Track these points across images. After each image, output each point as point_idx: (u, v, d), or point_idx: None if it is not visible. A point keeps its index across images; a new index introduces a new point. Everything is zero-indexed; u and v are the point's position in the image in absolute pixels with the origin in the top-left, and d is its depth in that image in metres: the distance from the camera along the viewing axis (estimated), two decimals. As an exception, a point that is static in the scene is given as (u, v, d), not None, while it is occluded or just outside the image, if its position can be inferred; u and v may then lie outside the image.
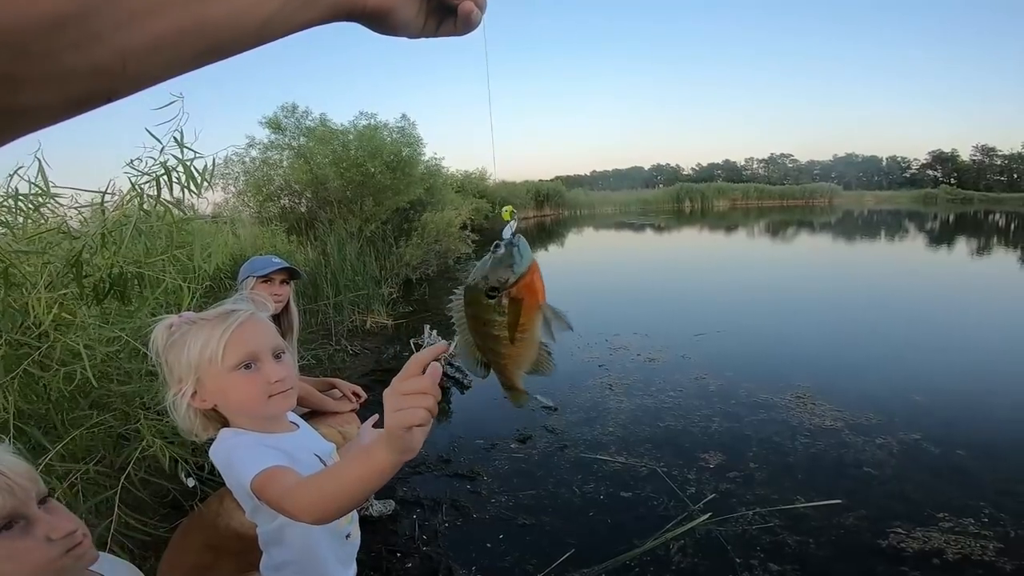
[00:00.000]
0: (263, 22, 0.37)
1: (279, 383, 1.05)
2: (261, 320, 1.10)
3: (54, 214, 1.71)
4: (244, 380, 1.02)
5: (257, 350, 1.04)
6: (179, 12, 0.33)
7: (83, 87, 0.32)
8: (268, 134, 8.30)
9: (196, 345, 1.01)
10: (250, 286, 2.22)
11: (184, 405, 1.03)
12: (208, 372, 1.01)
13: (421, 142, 8.64)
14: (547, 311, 0.71)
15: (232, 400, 1.04)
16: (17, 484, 0.77)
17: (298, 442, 1.14)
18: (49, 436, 1.34)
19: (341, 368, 4.54)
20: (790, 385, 3.90)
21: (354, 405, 2.39)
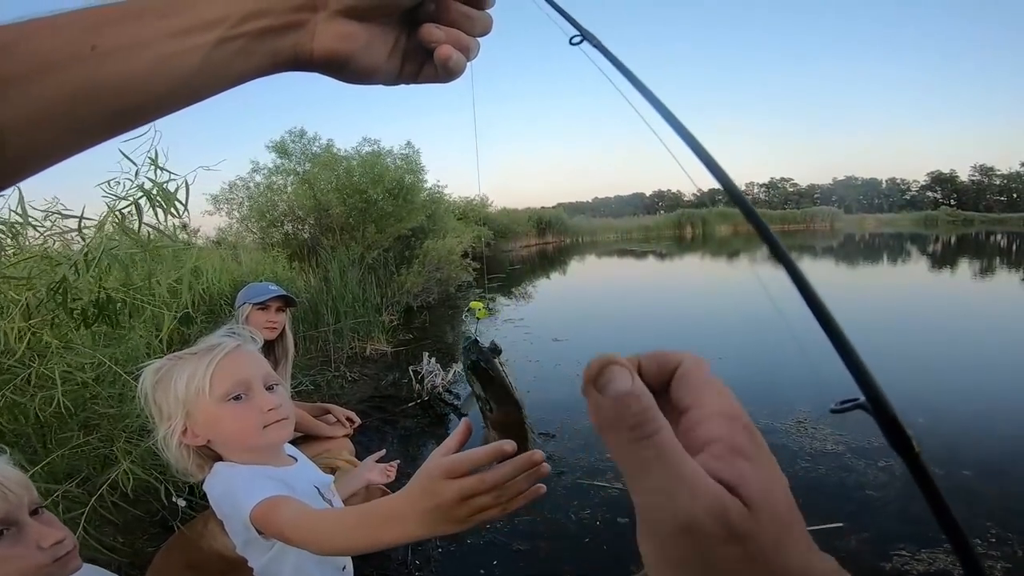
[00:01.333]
0: (183, 80, 0.32)
1: (273, 411, 1.01)
2: (248, 352, 1.08)
3: (37, 240, 1.72)
4: (236, 411, 1.00)
5: (247, 379, 1.02)
6: (66, 75, 0.28)
7: None
8: (274, 158, 8.43)
9: (182, 379, 0.99)
10: (246, 313, 2.25)
11: (175, 443, 1.00)
12: (197, 405, 0.99)
13: (424, 169, 8.78)
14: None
15: (225, 433, 1.01)
16: (11, 491, 0.80)
17: (297, 475, 1.11)
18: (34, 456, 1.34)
19: (339, 394, 4.52)
20: (791, 410, 3.85)
21: (348, 431, 2.39)
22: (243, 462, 1.02)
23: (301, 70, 0.37)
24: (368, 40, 0.38)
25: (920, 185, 73.75)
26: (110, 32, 0.29)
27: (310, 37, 0.36)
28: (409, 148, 8.67)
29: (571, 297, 11.78)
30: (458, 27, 0.41)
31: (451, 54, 0.40)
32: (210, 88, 0.34)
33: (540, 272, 16.16)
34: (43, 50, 0.28)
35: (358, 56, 0.38)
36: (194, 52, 0.31)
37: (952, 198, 65.62)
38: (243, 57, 0.33)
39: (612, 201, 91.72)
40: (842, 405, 0.30)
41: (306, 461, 1.24)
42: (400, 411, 4.10)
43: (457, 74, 0.42)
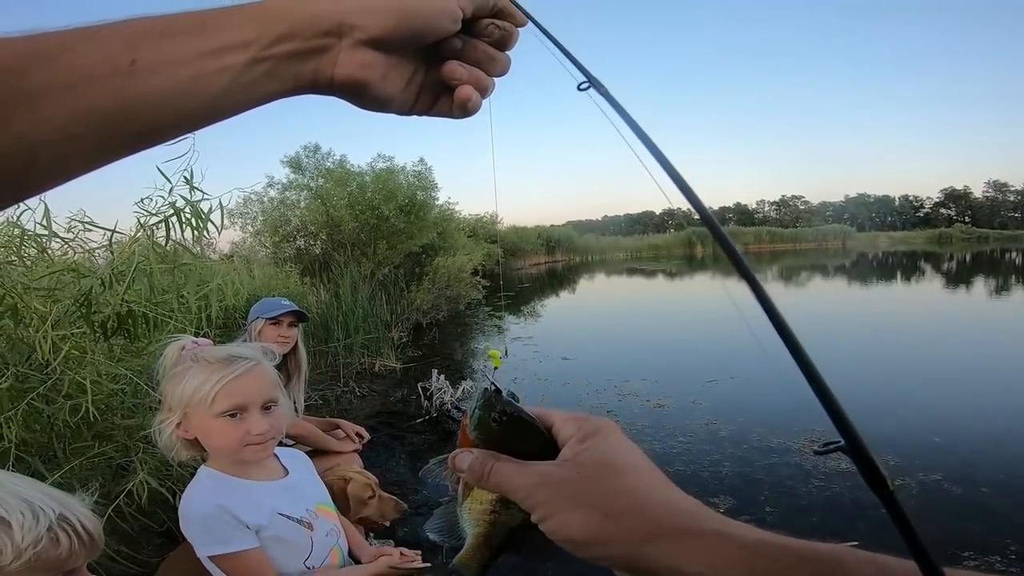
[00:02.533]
0: (211, 100, 0.32)
1: (258, 436, 1.09)
2: (263, 371, 1.14)
3: (64, 252, 1.76)
4: (226, 427, 1.08)
5: (247, 402, 1.09)
6: (103, 89, 0.28)
7: None
8: (288, 173, 8.55)
9: (191, 384, 1.07)
10: (258, 328, 2.28)
11: (168, 431, 1.10)
12: (196, 411, 1.07)
13: (436, 186, 8.85)
14: None
15: (211, 442, 1.11)
16: (95, 545, 0.82)
17: (276, 495, 1.16)
18: (49, 465, 1.37)
19: (348, 409, 4.53)
20: (805, 429, 3.80)
21: (357, 446, 2.39)
22: (223, 469, 1.12)
23: (319, 93, 0.38)
24: (387, 70, 0.39)
25: (934, 202, 73.15)
26: (149, 47, 0.30)
27: (332, 63, 0.36)
28: (422, 165, 8.77)
29: (580, 316, 11.76)
30: (480, 67, 0.42)
31: (471, 95, 0.41)
32: (234, 108, 0.35)
33: (549, 290, 16.17)
34: (85, 63, 0.28)
35: (376, 85, 0.38)
36: (225, 72, 0.32)
37: (966, 215, 64.91)
38: (269, 79, 0.34)
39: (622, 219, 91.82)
40: (825, 447, 0.33)
41: (302, 474, 1.28)
42: (408, 427, 4.11)
43: (473, 113, 0.42)
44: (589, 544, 0.36)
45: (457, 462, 0.43)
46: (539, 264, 27.27)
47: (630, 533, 0.35)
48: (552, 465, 0.40)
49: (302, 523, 1.15)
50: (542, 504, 0.37)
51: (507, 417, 0.43)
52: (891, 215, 74.99)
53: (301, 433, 2.24)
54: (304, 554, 1.14)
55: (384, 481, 3.19)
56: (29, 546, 0.72)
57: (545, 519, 0.37)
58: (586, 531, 0.36)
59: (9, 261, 1.65)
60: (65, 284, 1.62)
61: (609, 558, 0.35)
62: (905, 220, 71.37)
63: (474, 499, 0.45)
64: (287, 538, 1.12)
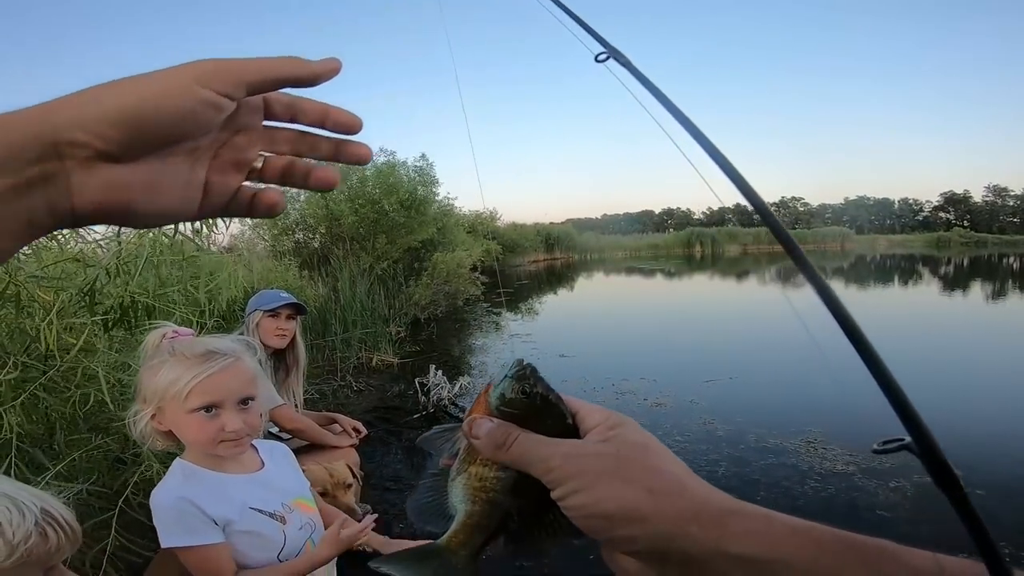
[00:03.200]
0: None
1: (232, 433, 1.09)
2: (240, 367, 1.13)
3: (73, 242, 1.77)
4: (199, 423, 1.07)
5: (221, 399, 1.08)
6: None
7: None
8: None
9: (166, 378, 1.07)
10: (257, 319, 2.27)
11: (143, 423, 1.10)
12: (170, 406, 1.07)
13: (437, 182, 8.83)
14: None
15: (184, 436, 1.11)
16: (77, 538, 0.82)
17: (248, 488, 1.15)
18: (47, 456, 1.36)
19: (344, 404, 4.53)
20: (801, 431, 3.81)
21: (353, 440, 2.39)
22: (197, 462, 1.13)
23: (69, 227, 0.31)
24: (149, 182, 0.31)
25: (933, 205, 73.25)
26: None
27: (65, 192, 0.29)
28: (423, 160, 8.74)
29: (579, 314, 11.76)
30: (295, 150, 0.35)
31: (278, 200, 0.35)
32: None
33: (547, 288, 16.17)
34: None
35: (139, 204, 0.31)
36: None
37: (965, 219, 64.96)
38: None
39: (621, 218, 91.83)
40: (885, 446, 0.31)
41: (281, 466, 1.27)
42: (405, 423, 4.10)
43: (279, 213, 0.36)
44: (627, 520, 0.33)
45: (474, 428, 0.39)
46: (538, 262, 27.26)
47: (673, 510, 0.33)
48: (584, 441, 0.38)
49: (274, 517, 1.15)
50: (575, 476, 0.35)
51: (538, 392, 0.41)
52: (890, 218, 75.07)
53: (298, 427, 2.23)
54: (276, 548, 1.14)
55: (380, 476, 3.20)
56: (21, 542, 0.72)
57: (576, 492, 0.35)
58: (625, 506, 0.34)
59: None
60: (69, 274, 1.63)
61: (644, 537, 0.33)
62: (904, 223, 71.48)
63: (473, 474, 0.41)
64: (258, 532, 1.12)
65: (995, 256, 30.65)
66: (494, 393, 0.41)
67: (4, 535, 0.71)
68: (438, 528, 0.42)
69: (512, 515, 0.40)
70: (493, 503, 0.40)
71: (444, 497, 0.42)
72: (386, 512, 2.76)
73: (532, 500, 0.39)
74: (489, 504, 0.40)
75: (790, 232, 0.38)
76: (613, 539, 0.35)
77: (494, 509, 0.40)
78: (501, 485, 0.40)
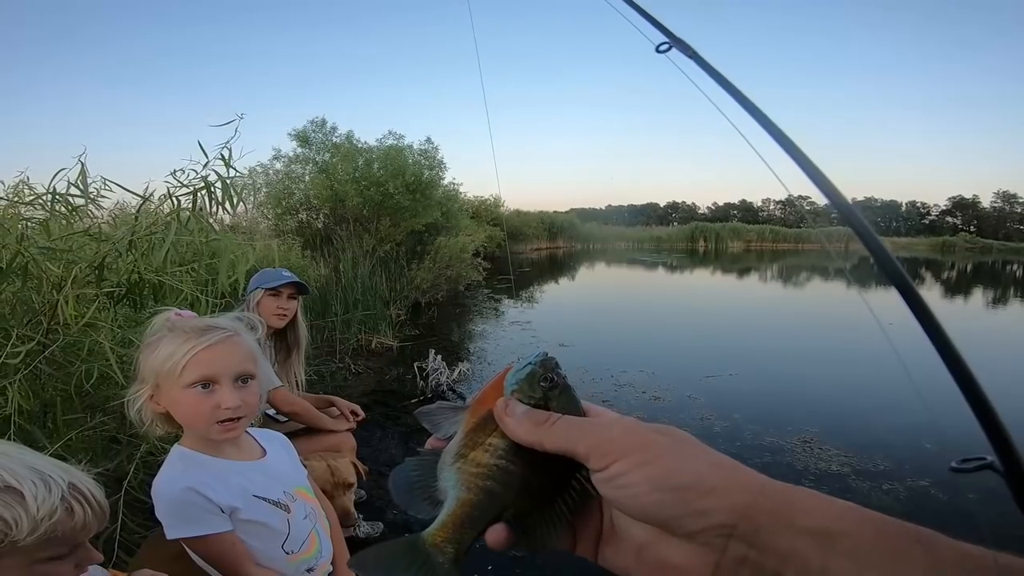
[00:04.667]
0: None
1: (228, 411, 1.05)
2: (238, 342, 1.10)
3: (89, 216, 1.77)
4: (195, 399, 1.04)
5: (217, 373, 1.05)
6: None
7: None
8: (295, 147, 8.47)
9: (163, 354, 1.04)
10: (258, 298, 2.26)
11: (140, 403, 1.07)
12: (166, 382, 1.04)
13: (443, 165, 8.76)
14: None
15: (180, 415, 1.07)
16: (105, 515, 0.80)
17: (251, 476, 1.12)
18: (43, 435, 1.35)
19: (343, 386, 4.54)
20: (798, 429, 3.83)
21: (351, 424, 2.38)
22: (196, 447, 1.09)
23: None
24: None
25: (941, 209, 72.83)
26: None
27: None
28: (430, 144, 8.67)
29: (579, 303, 11.74)
30: None
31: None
32: None
33: (549, 276, 16.15)
34: None
35: None
36: None
37: (972, 224, 64.51)
38: None
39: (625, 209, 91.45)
40: (963, 464, 0.30)
41: (281, 456, 1.24)
42: (403, 407, 4.11)
43: None
44: (701, 491, 0.32)
45: (508, 410, 0.38)
46: (540, 250, 27.20)
47: (741, 483, 0.33)
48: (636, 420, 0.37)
49: (279, 505, 1.13)
50: (639, 449, 0.34)
51: (561, 382, 0.40)
52: (896, 220, 74.67)
53: (296, 410, 2.22)
54: (281, 538, 1.11)
55: (375, 461, 3.21)
56: (45, 517, 0.70)
57: (644, 464, 0.33)
58: (699, 476, 0.32)
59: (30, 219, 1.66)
60: (81, 246, 1.62)
61: (718, 510, 0.32)
62: (910, 226, 71.12)
63: (471, 459, 0.38)
64: (263, 521, 1.09)
65: (999, 263, 30.53)
66: (512, 379, 0.40)
67: (28, 509, 0.69)
68: (421, 512, 0.39)
69: (506, 508, 0.37)
70: (489, 493, 0.37)
71: (433, 478, 0.39)
72: (381, 497, 2.78)
73: (534, 493, 0.38)
74: (485, 493, 0.37)
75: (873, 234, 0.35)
76: (683, 515, 0.32)
77: (490, 500, 0.37)
78: (501, 475, 0.37)
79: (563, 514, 0.38)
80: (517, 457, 0.38)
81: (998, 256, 36.87)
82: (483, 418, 0.40)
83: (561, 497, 0.38)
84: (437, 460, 0.39)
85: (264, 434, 1.27)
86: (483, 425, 0.39)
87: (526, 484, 0.37)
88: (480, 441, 0.39)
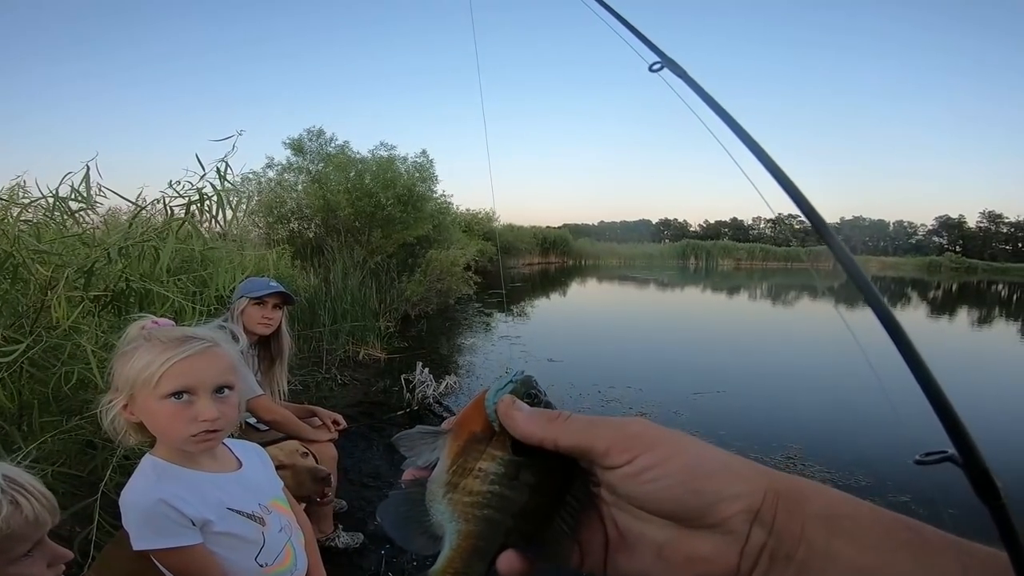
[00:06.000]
0: None
1: (205, 423, 1.03)
2: (218, 353, 1.08)
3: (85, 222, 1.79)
4: (172, 410, 1.02)
5: (195, 384, 1.03)
6: None
7: None
8: (289, 155, 8.47)
9: (139, 363, 1.02)
10: (242, 306, 2.25)
11: (114, 413, 1.04)
12: (141, 392, 1.02)
13: (435, 178, 8.79)
14: None
15: (155, 426, 1.05)
16: (54, 505, 0.81)
17: (226, 488, 1.10)
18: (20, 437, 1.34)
19: (328, 397, 4.51)
20: (781, 446, 3.86)
21: (333, 435, 2.37)
22: (169, 458, 1.06)
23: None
24: None
25: (927, 229, 73.86)
26: None
27: None
28: (424, 157, 8.71)
29: (569, 319, 11.77)
30: None
31: None
32: None
33: (540, 291, 16.19)
34: None
35: None
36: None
37: (958, 244, 65.31)
38: None
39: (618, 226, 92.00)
40: (926, 457, 0.32)
41: (258, 468, 1.22)
42: (388, 419, 4.09)
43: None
44: (731, 477, 0.33)
45: (515, 406, 0.37)
46: (532, 264, 27.29)
47: (757, 470, 0.34)
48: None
49: (254, 518, 1.11)
50: (661, 443, 0.34)
51: (544, 399, 0.39)
52: (884, 240, 75.59)
53: (276, 419, 2.21)
54: (255, 550, 1.09)
55: (358, 472, 3.19)
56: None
57: (671, 457, 0.34)
58: (727, 463, 0.34)
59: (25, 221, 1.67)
60: (72, 250, 1.63)
61: (748, 494, 0.33)
62: (897, 246, 71.99)
63: (463, 488, 0.36)
64: (238, 534, 1.07)
65: (984, 283, 30.96)
66: (493, 397, 0.38)
67: None
68: (420, 547, 0.37)
69: (511, 535, 0.35)
70: (489, 521, 0.35)
71: (424, 512, 0.37)
72: (362, 508, 2.76)
73: (533, 514, 0.36)
74: (485, 522, 0.35)
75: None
76: (718, 501, 0.33)
77: (491, 529, 0.35)
78: (497, 500, 0.36)
79: (565, 531, 0.36)
80: (511, 480, 0.36)
81: (983, 276, 37.39)
82: (467, 442, 0.38)
83: (559, 514, 0.36)
84: (423, 492, 0.37)
85: (240, 445, 1.25)
86: (469, 449, 0.37)
87: (523, 506, 0.36)
88: (469, 467, 0.37)
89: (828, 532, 0.31)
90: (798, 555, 0.31)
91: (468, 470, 0.37)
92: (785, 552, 0.32)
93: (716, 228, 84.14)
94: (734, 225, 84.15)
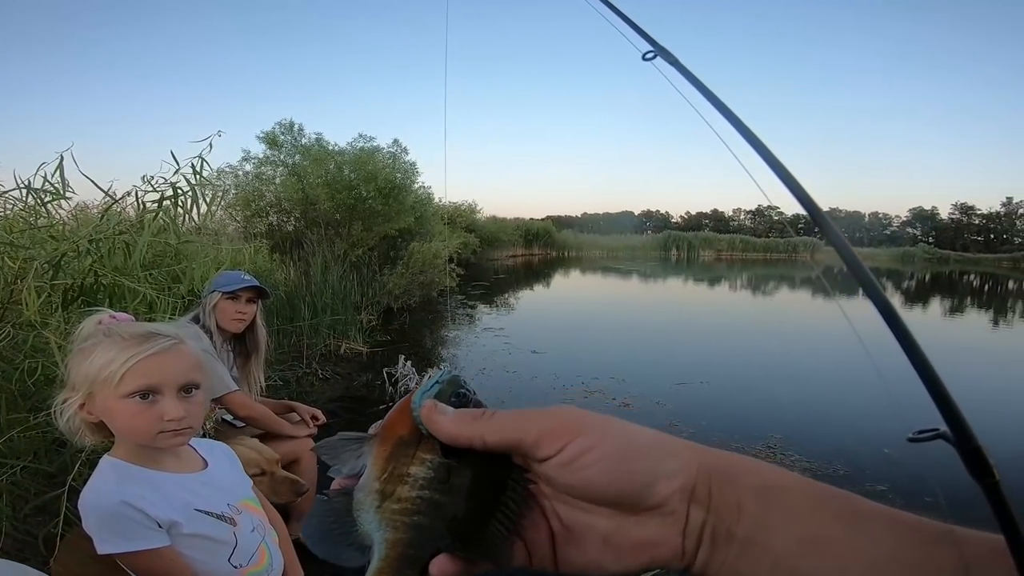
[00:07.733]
0: None
1: (172, 422, 0.99)
2: (183, 351, 1.04)
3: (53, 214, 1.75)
4: (134, 409, 0.98)
5: (159, 384, 0.99)
6: None
7: None
8: (264, 149, 8.30)
9: (98, 361, 0.97)
10: (214, 301, 2.19)
11: (70, 412, 0.99)
12: (101, 391, 0.97)
13: (415, 169, 8.69)
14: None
15: (117, 425, 1.00)
16: None
17: (191, 489, 1.06)
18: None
19: (309, 392, 4.45)
20: (762, 436, 3.90)
21: (311, 430, 2.33)
22: (130, 459, 1.02)
23: None
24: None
25: (901, 220, 75.50)
26: None
27: None
28: (396, 147, 8.57)
29: (553, 310, 11.80)
30: None
31: None
32: None
33: (524, 283, 16.20)
34: None
35: None
36: None
37: (931, 236, 66.87)
38: None
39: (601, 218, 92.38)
40: (919, 435, 0.32)
41: (225, 468, 1.19)
42: (371, 413, 4.05)
43: None
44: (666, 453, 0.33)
45: (438, 410, 0.36)
46: (516, 256, 27.30)
47: (687, 445, 0.34)
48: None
49: (223, 519, 1.07)
50: (589, 429, 0.34)
51: (472, 398, 0.38)
52: (859, 231, 77.02)
53: (253, 415, 2.16)
54: (226, 552, 1.06)
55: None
56: None
57: (597, 444, 0.33)
58: (659, 439, 0.34)
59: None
60: (39, 243, 1.58)
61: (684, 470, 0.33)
62: (872, 237, 73.47)
63: (390, 495, 0.35)
64: (208, 535, 1.04)
65: (956, 273, 31.80)
66: (420, 399, 0.37)
67: None
68: (349, 560, 0.35)
69: (444, 540, 0.35)
70: (419, 527, 0.34)
71: (351, 522, 0.36)
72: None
73: (467, 517, 0.35)
74: (414, 529, 0.34)
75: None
76: (652, 482, 0.33)
77: (421, 535, 0.34)
78: (427, 505, 0.35)
79: (502, 530, 0.35)
80: (441, 483, 0.35)
81: (955, 267, 38.35)
82: (395, 446, 0.36)
83: (495, 515, 0.35)
84: (350, 501, 0.36)
85: (205, 444, 1.21)
86: (396, 454, 0.36)
87: (456, 509, 0.35)
88: (398, 473, 0.36)
89: (765, 506, 0.32)
90: (739, 531, 0.32)
91: (396, 476, 0.36)
92: (726, 529, 0.32)
93: (697, 220, 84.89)
94: (715, 216, 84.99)
